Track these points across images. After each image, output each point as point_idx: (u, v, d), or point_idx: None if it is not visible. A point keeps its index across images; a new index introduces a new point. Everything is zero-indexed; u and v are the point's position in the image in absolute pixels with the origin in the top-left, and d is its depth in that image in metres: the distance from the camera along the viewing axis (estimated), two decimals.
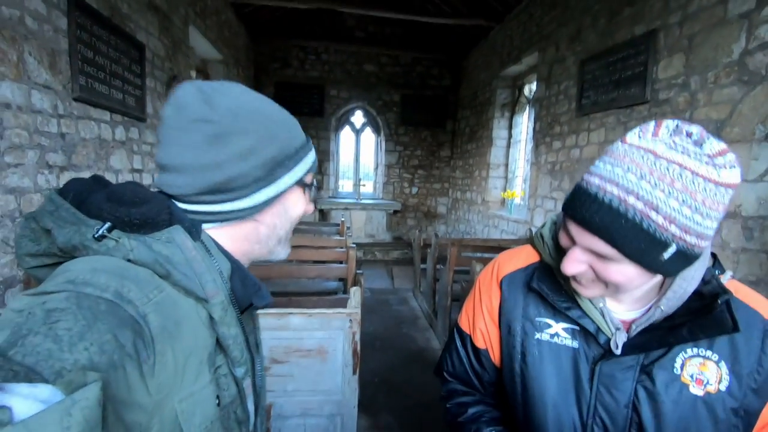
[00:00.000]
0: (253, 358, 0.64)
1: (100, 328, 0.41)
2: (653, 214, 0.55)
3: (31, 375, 0.37)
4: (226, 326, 0.55)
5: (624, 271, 0.62)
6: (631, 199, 0.56)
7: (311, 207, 0.70)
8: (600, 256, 0.62)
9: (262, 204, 0.60)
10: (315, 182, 0.70)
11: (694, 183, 0.55)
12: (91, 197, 0.51)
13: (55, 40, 2.39)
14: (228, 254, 0.59)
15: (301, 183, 0.64)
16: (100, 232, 0.48)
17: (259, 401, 0.71)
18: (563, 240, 0.69)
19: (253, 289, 0.62)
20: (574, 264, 0.65)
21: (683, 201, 0.55)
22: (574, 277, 0.69)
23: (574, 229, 0.63)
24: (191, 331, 0.51)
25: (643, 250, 0.57)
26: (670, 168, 0.55)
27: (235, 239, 0.62)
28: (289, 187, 0.62)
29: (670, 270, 0.61)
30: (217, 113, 0.55)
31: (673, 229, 0.56)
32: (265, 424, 0.78)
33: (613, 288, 0.66)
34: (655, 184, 0.55)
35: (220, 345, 0.56)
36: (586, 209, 0.60)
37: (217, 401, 0.54)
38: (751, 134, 2.28)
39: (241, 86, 0.60)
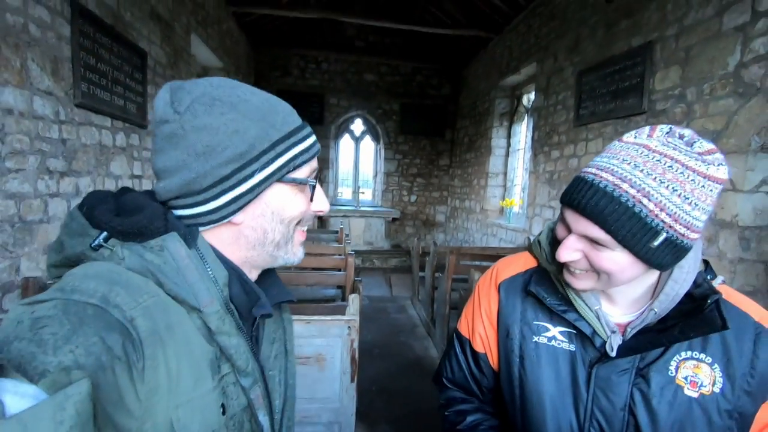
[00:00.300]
0: (262, 369, 0.61)
1: (86, 331, 0.41)
2: (645, 201, 0.59)
3: (15, 375, 0.37)
4: (226, 336, 0.53)
5: (616, 258, 0.64)
6: (625, 186, 0.60)
7: (322, 205, 0.63)
8: (594, 242, 0.65)
9: (231, 205, 0.54)
10: (312, 179, 0.62)
11: (684, 174, 0.59)
12: (97, 208, 0.51)
13: (58, 47, 2.41)
14: (226, 261, 0.58)
15: (285, 180, 0.57)
16: (97, 241, 0.49)
17: (285, 412, 0.68)
18: (560, 231, 0.71)
19: (254, 298, 0.59)
20: (569, 251, 0.67)
21: (674, 190, 0.58)
22: (567, 269, 0.71)
23: (570, 216, 0.66)
24: (185, 336, 0.50)
25: (634, 235, 0.60)
26: (662, 160, 0.60)
27: (226, 244, 0.58)
28: (266, 185, 0.56)
29: (660, 260, 0.62)
30: (175, 112, 0.52)
31: (663, 216, 0.59)
32: None
33: (605, 279, 0.67)
34: (648, 173, 0.59)
35: (224, 353, 0.55)
36: (582, 195, 0.63)
37: (222, 410, 0.53)
38: (746, 145, 2.31)
39: (220, 79, 0.56)
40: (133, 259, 0.50)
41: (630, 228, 0.60)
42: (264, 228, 0.58)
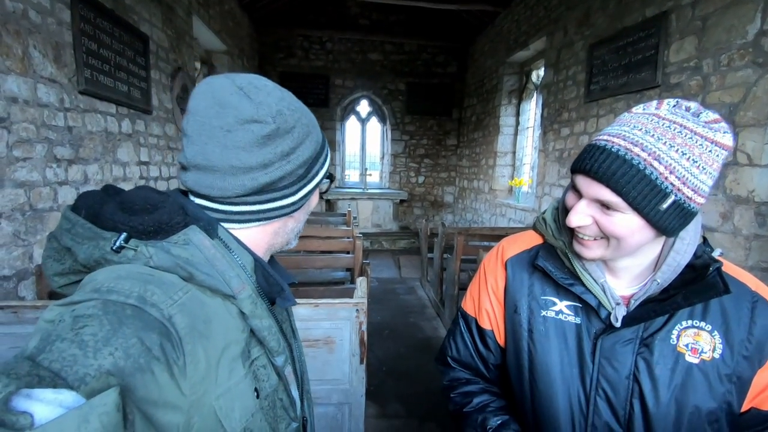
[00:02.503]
0: (291, 346, 0.66)
1: (125, 332, 0.42)
2: (656, 163, 0.62)
3: (56, 381, 0.37)
4: (258, 318, 0.56)
5: (626, 222, 0.66)
6: (637, 150, 0.62)
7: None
8: (605, 207, 0.67)
9: (302, 200, 0.62)
10: (330, 175, 0.70)
11: (692, 139, 0.62)
12: (103, 209, 0.51)
13: (59, 33, 2.39)
14: (248, 249, 0.59)
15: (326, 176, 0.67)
16: (118, 243, 0.49)
17: (303, 386, 0.73)
18: (570, 200, 0.73)
19: (276, 288, 0.62)
20: (580, 216, 0.69)
21: (683, 153, 0.61)
22: (577, 239, 0.73)
23: (582, 182, 0.68)
24: (222, 328, 0.51)
25: (645, 197, 0.63)
26: (671, 126, 0.63)
27: (268, 234, 0.63)
28: (321, 183, 0.65)
29: (667, 224, 0.65)
30: (265, 113, 0.54)
31: (672, 179, 0.62)
32: (312, 406, 0.80)
33: (614, 245, 0.69)
34: (659, 138, 0.62)
35: (255, 337, 0.57)
36: (595, 160, 0.65)
37: (256, 393, 0.55)
38: (765, 118, 2.23)
39: (267, 80, 0.59)
40: (160, 257, 0.50)
41: (641, 190, 0.62)
42: (300, 219, 0.67)
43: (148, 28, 3.47)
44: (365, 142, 8.59)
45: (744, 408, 0.71)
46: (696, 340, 0.71)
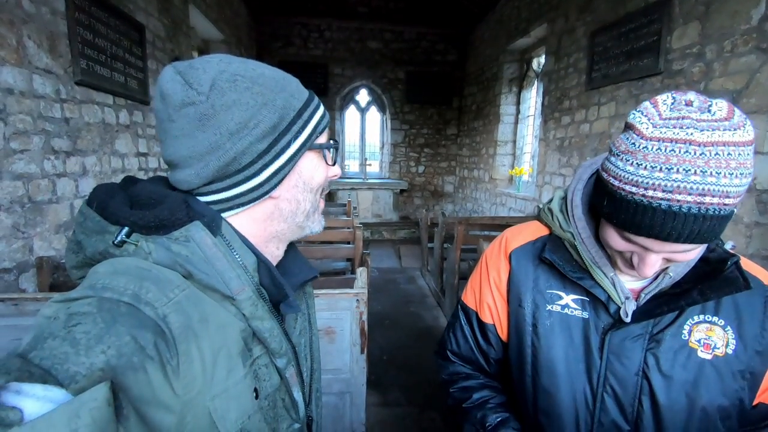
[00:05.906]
0: (295, 348, 0.63)
1: (118, 330, 0.41)
2: (726, 200, 0.56)
3: (46, 377, 0.37)
4: (259, 320, 0.54)
5: (698, 251, 0.65)
6: (707, 199, 0.55)
7: (337, 170, 0.65)
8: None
9: (273, 178, 0.55)
10: (333, 141, 0.63)
11: (741, 154, 0.55)
12: (110, 203, 0.50)
13: (54, 22, 2.35)
14: (253, 247, 0.57)
15: (312, 146, 0.59)
16: (119, 237, 0.48)
17: (312, 384, 0.70)
18: (619, 243, 0.67)
19: (281, 292, 0.59)
20: (655, 267, 0.65)
21: (740, 175, 0.55)
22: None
23: (651, 243, 0.62)
24: (219, 326, 0.50)
25: (719, 231, 0.59)
26: (720, 152, 0.55)
27: (259, 221, 0.58)
28: (300, 154, 0.57)
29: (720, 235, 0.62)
30: (197, 92, 0.50)
31: (736, 201, 0.58)
32: (321, 405, 0.77)
33: (677, 264, 0.68)
34: (716, 173, 0.55)
35: (257, 336, 0.55)
36: (665, 225, 0.58)
37: (255, 394, 0.54)
38: None
39: (223, 55, 0.54)
40: (160, 253, 0.49)
41: (718, 230, 0.58)
42: (297, 199, 0.60)
43: (144, 17, 3.42)
44: (365, 131, 8.55)
45: (753, 403, 0.70)
46: (708, 336, 0.69)
